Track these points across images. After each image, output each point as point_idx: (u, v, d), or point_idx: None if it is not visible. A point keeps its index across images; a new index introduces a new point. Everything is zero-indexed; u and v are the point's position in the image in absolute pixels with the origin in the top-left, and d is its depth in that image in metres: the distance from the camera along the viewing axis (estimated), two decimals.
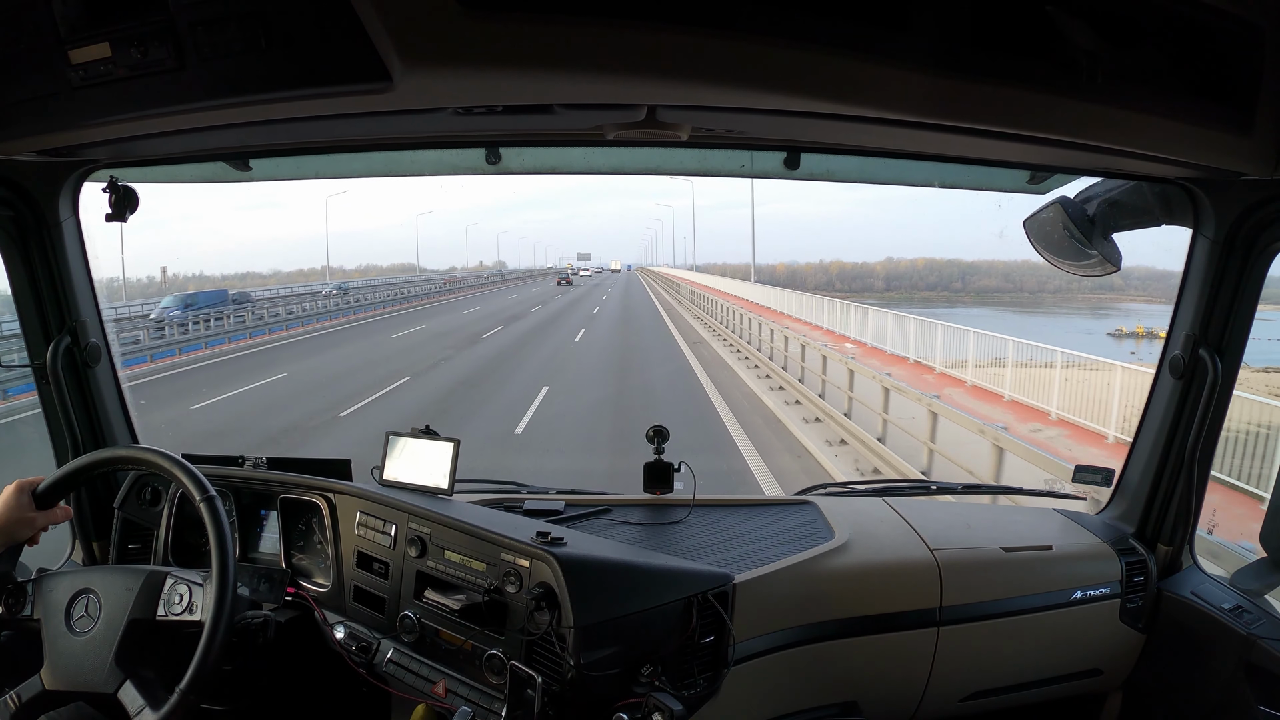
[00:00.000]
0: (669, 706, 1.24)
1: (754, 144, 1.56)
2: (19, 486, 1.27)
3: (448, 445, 1.61)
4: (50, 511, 1.29)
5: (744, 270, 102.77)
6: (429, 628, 1.45)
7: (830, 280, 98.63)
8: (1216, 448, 1.72)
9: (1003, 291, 72.81)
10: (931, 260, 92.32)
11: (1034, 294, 67.33)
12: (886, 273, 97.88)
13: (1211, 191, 1.51)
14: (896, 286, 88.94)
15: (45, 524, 1.29)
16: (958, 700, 1.73)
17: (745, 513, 1.84)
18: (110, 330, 1.76)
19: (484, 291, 48.58)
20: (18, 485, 1.27)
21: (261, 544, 1.69)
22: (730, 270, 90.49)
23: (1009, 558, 1.74)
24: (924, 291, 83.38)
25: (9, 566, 1.27)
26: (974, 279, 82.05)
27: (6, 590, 1.26)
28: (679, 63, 0.93)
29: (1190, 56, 1.12)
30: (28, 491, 1.27)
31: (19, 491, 1.26)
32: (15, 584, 1.26)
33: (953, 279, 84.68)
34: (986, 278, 78.33)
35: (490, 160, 1.62)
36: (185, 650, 1.15)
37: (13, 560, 1.28)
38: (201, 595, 1.20)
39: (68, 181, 1.57)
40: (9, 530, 1.25)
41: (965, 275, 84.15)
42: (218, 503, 1.23)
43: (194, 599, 1.20)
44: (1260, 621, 1.58)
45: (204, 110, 1.03)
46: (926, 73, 0.98)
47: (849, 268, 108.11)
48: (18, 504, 1.26)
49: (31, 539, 1.29)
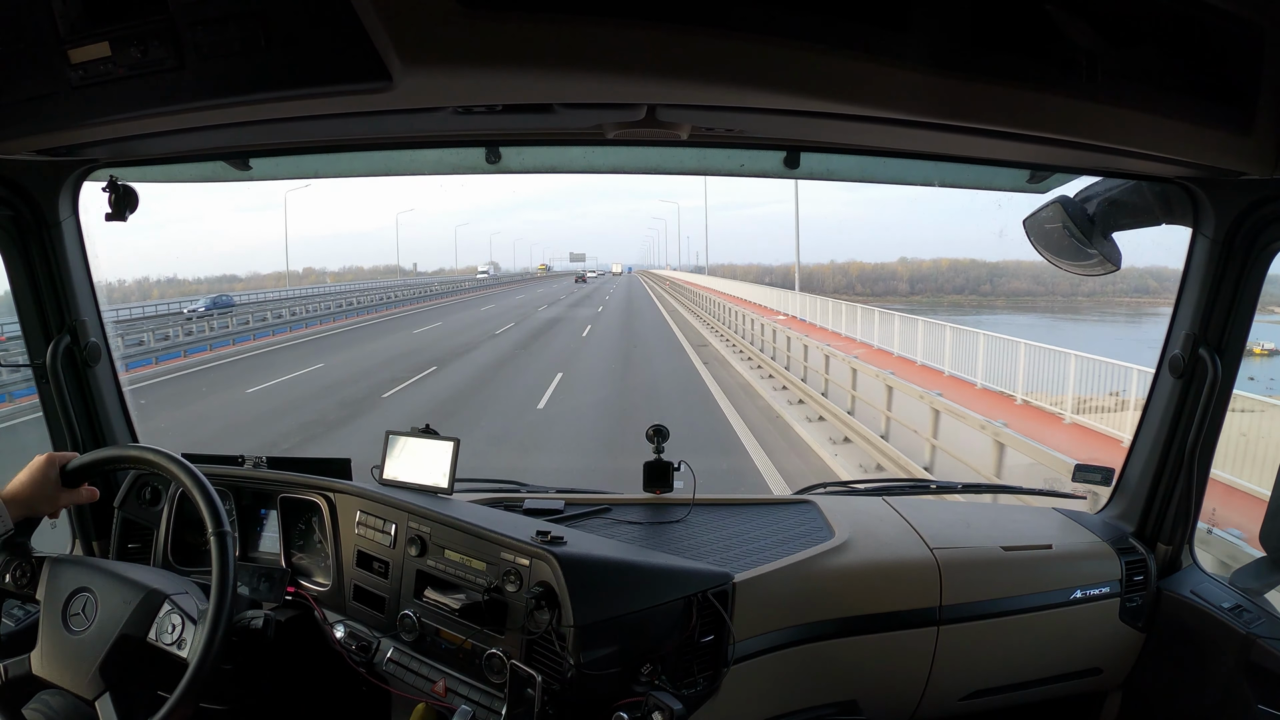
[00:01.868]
0: (669, 705, 1.24)
1: (754, 143, 1.56)
2: (50, 459, 1.26)
3: (447, 444, 1.61)
4: (75, 491, 1.28)
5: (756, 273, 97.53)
6: (429, 627, 1.45)
7: (850, 283, 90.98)
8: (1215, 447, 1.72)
9: (1035, 295, 65.25)
10: (955, 261, 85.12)
11: (1068, 297, 58.59)
12: (910, 274, 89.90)
13: (1211, 191, 1.51)
14: (921, 289, 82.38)
15: (69, 502, 1.28)
16: (957, 699, 1.74)
17: (745, 512, 1.84)
18: (110, 330, 1.77)
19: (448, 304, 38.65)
20: (49, 457, 1.26)
21: (261, 543, 1.69)
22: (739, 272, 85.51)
23: (1009, 557, 1.74)
24: (951, 295, 75.92)
25: (25, 539, 1.26)
26: (1003, 281, 74.83)
27: (19, 563, 1.24)
28: (679, 62, 0.93)
29: (1190, 56, 1.12)
30: (57, 466, 1.26)
31: (49, 464, 1.26)
32: (30, 559, 1.25)
33: (980, 281, 77.56)
34: (1015, 279, 71.06)
35: (490, 159, 1.62)
36: (170, 676, 1.14)
37: (29, 533, 1.27)
38: (193, 634, 1.18)
39: (67, 181, 1.57)
40: (32, 501, 1.24)
41: (993, 277, 76.75)
42: (228, 541, 1.21)
43: (184, 634, 1.18)
44: (1260, 621, 1.58)
45: (204, 109, 1.03)
46: (926, 72, 0.98)
47: (869, 269, 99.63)
48: (45, 477, 1.25)
49: (52, 514, 1.28)
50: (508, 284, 61.95)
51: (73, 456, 1.28)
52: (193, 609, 1.21)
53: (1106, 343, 21.32)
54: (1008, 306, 60.78)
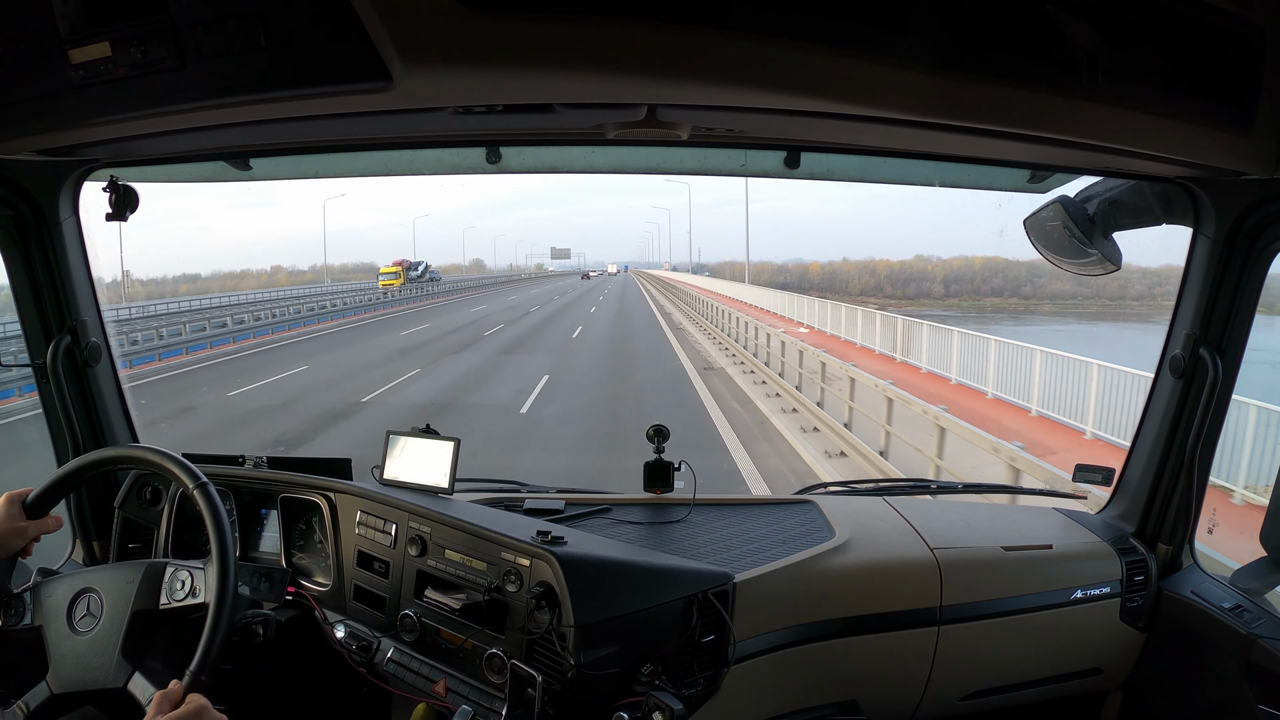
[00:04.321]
0: (669, 705, 1.24)
1: (754, 143, 1.56)
2: (8, 498, 1.26)
3: (448, 444, 1.61)
4: (42, 521, 1.28)
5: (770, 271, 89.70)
6: (429, 627, 1.45)
7: (879, 283, 79.11)
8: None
9: (1080, 298, 56.22)
10: (989, 260, 72.76)
11: (1115, 300, 50.60)
12: (944, 274, 77.71)
13: (1212, 191, 1.51)
14: (956, 291, 71.56)
15: (37, 533, 1.28)
16: (958, 699, 1.74)
17: (745, 512, 1.84)
18: (110, 330, 1.77)
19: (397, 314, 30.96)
20: (7, 497, 1.26)
21: (262, 543, 1.69)
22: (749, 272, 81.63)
23: (1009, 557, 1.74)
24: (990, 297, 66.50)
25: (4, 579, 1.26)
26: (1044, 282, 64.46)
27: (2, 603, 1.25)
28: (679, 62, 0.93)
29: (1190, 56, 1.12)
30: (17, 503, 1.26)
31: (8, 503, 1.25)
32: (10, 595, 1.25)
33: (1020, 282, 67.62)
34: (1057, 280, 60.08)
35: (490, 159, 1.63)
36: (191, 637, 1.15)
37: (8, 572, 1.27)
38: (204, 578, 1.20)
39: (68, 181, 1.57)
40: (1, 543, 1.24)
41: (1033, 277, 66.02)
42: (210, 488, 1.22)
43: (196, 583, 1.20)
44: (1260, 621, 1.58)
45: (204, 109, 1.03)
46: (926, 72, 0.98)
47: (896, 267, 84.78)
48: (8, 515, 1.25)
49: (24, 550, 1.28)
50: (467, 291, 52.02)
51: (29, 491, 1.28)
52: (196, 563, 1.23)
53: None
54: (1056, 312, 53.15)
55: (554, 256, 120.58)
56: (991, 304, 63.69)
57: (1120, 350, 14.21)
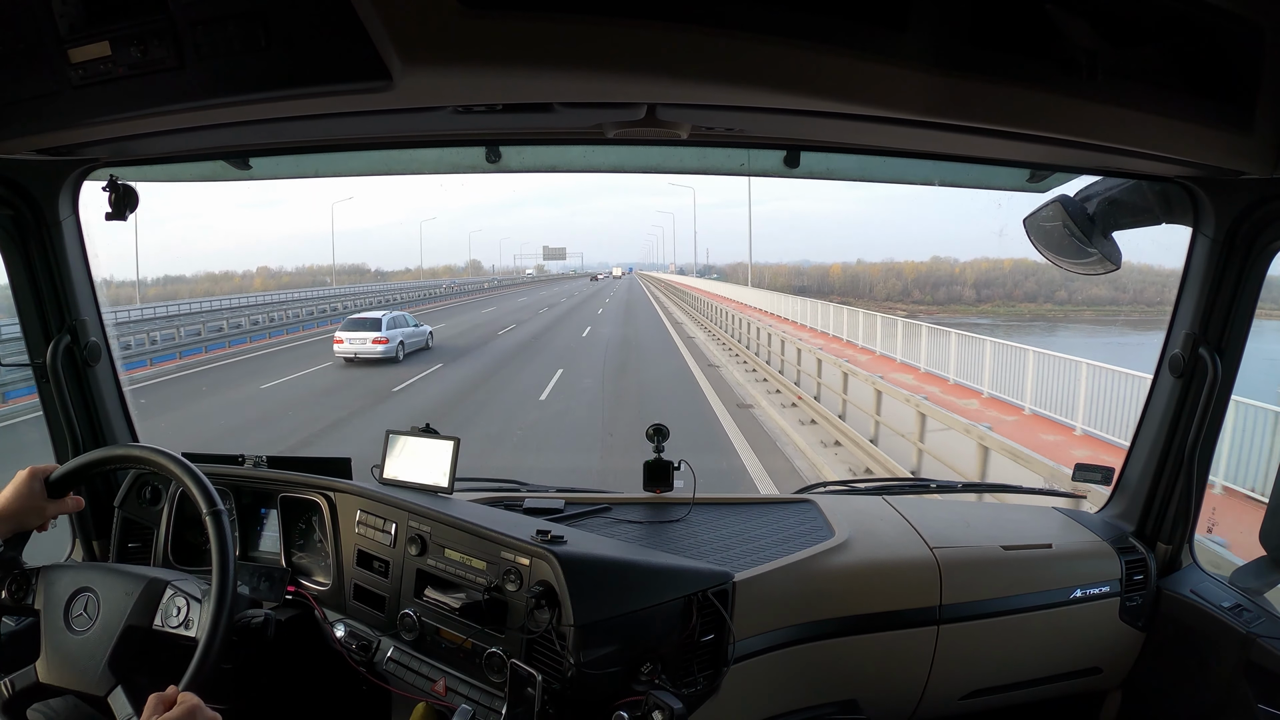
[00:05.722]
0: (669, 705, 1.24)
1: (754, 142, 1.56)
2: (32, 473, 1.26)
3: (448, 444, 1.61)
4: (61, 501, 1.29)
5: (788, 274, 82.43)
6: (429, 626, 1.45)
7: (906, 287, 74.40)
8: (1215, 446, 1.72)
9: (1118, 303, 52.33)
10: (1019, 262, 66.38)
11: (1154, 305, 45.56)
12: (975, 278, 70.73)
13: (1211, 190, 1.51)
14: (988, 296, 67.13)
15: (56, 513, 1.29)
16: (957, 698, 1.74)
17: (745, 511, 1.84)
18: (110, 330, 1.77)
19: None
20: (30, 471, 1.27)
21: (262, 542, 1.69)
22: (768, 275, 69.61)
23: (1009, 556, 1.74)
24: (1023, 303, 61.83)
25: (16, 553, 1.26)
26: (1078, 286, 57.78)
27: (13, 577, 1.25)
28: (679, 61, 0.93)
29: (1190, 55, 1.12)
30: (40, 478, 1.27)
31: (31, 478, 1.26)
32: (22, 571, 1.26)
33: (1055, 286, 61.26)
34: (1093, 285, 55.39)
35: (490, 159, 1.63)
36: (180, 662, 1.14)
37: (20, 546, 1.27)
38: (199, 612, 1.19)
39: (68, 180, 1.57)
40: (19, 516, 1.25)
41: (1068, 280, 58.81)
42: (224, 518, 1.21)
43: (190, 614, 1.19)
44: (1260, 620, 1.58)
45: (204, 109, 1.03)
46: (926, 71, 0.98)
47: (924, 269, 78.89)
48: (29, 490, 1.25)
49: (41, 526, 1.29)
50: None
51: (54, 468, 1.29)
52: (196, 591, 1.22)
53: None
54: (1096, 319, 50.02)
55: (546, 257, 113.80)
56: (1028, 310, 59.46)
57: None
